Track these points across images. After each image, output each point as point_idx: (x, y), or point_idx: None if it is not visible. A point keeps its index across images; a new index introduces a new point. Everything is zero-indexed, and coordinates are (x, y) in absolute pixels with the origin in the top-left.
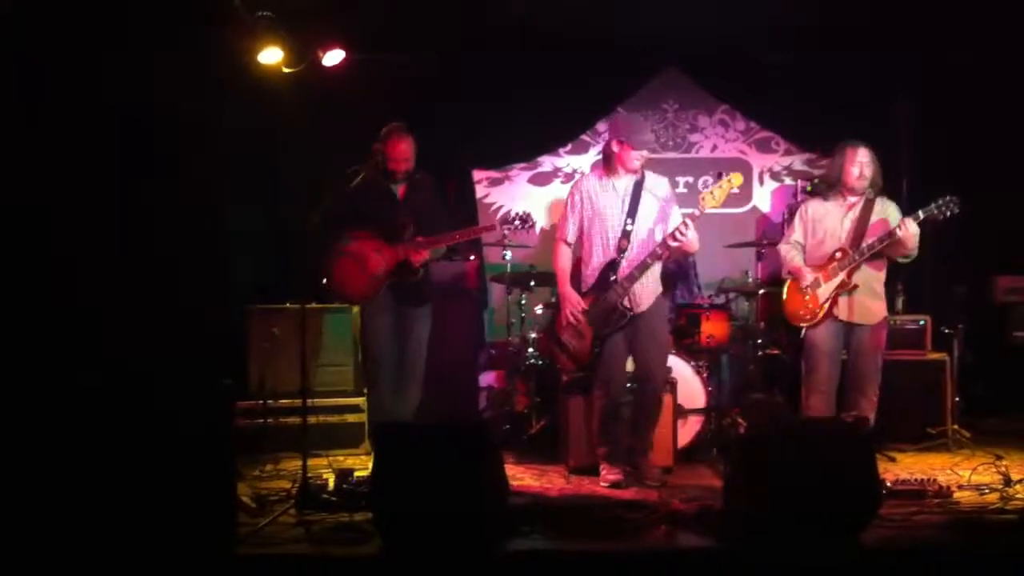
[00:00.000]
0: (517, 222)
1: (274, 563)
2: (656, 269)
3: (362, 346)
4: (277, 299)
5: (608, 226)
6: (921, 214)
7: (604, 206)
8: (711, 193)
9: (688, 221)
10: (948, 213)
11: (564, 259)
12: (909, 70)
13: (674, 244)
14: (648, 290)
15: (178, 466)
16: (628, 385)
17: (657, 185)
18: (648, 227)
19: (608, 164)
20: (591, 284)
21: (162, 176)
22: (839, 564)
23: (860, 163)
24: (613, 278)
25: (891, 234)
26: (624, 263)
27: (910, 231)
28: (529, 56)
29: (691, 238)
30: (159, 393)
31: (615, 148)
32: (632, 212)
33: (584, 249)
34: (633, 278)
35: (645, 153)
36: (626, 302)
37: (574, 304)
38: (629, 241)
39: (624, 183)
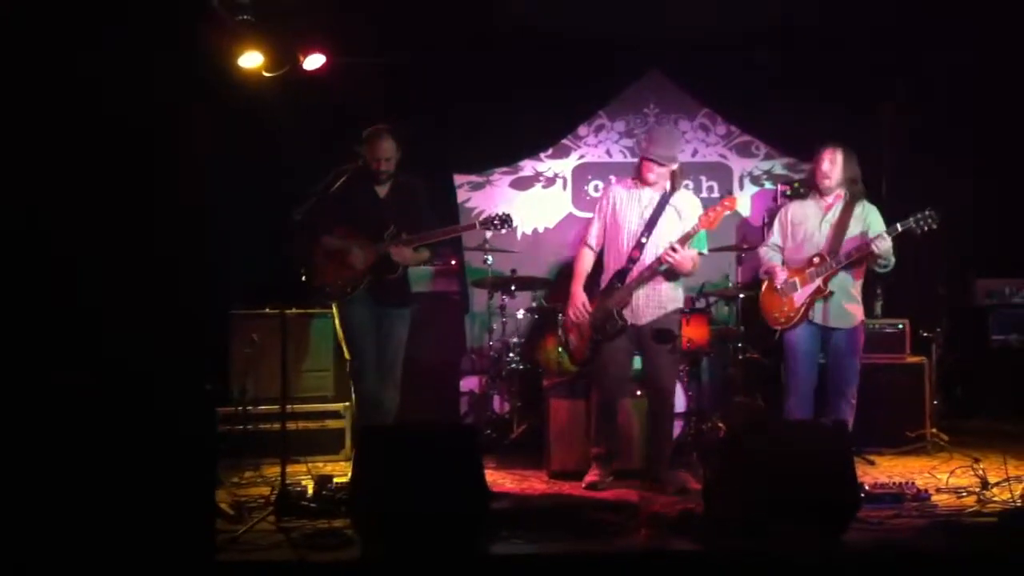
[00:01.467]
0: (497, 222)
1: (253, 570)
2: (667, 284)
3: (345, 344)
4: (261, 303)
5: (624, 235)
6: (899, 227)
7: (625, 215)
8: (707, 215)
9: (676, 244)
10: (926, 227)
11: (583, 262)
12: (891, 72)
13: (668, 262)
14: (653, 303)
15: (157, 472)
16: (639, 393)
17: (686, 204)
18: (664, 242)
19: (636, 174)
20: (602, 288)
21: (147, 177)
22: (818, 566)
23: (826, 162)
24: (618, 285)
25: (867, 246)
26: (632, 273)
27: (884, 247)
28: (510, 60)
29: (680, 259)
30: (139, 398)
31: (639, 159)
32: (651, 225)
33: (605, 254)
34: (631, 289)
35: (663, 169)
36: (625, 312)
37: (577, 304)
38: (641, 253)
39: (649, 195)
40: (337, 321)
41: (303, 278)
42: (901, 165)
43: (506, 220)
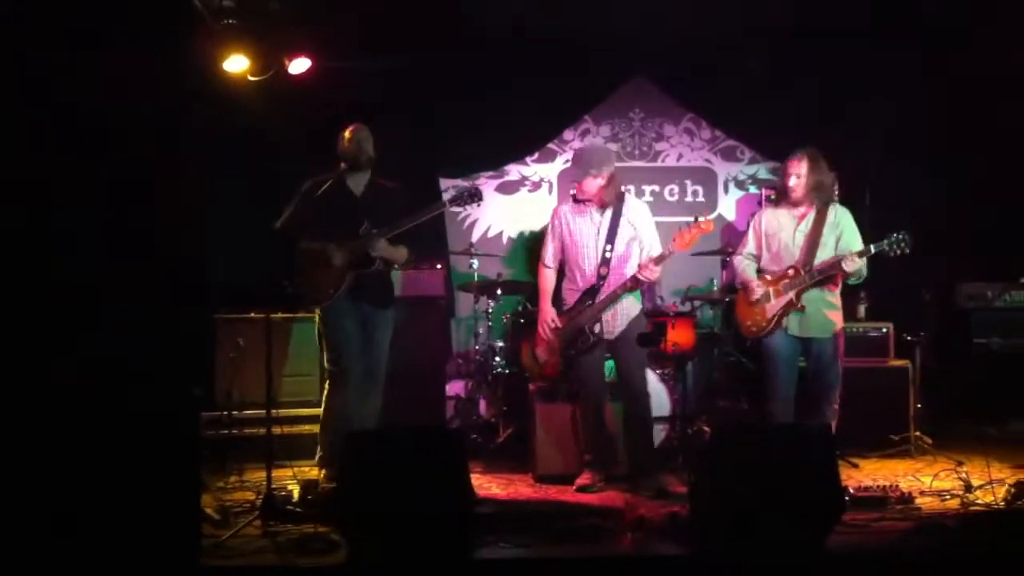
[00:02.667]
0: (466, 196)
1: (238, 575)
2: (631, 297)
3: (328, 347)
4: (246, 307)
5: (585, 254)
6: (872, 249)
7: (581, 234)
8: (682, 235)
9: (652, 265)
10: (899, 251)
11: (545, 280)
12: (876, 77)
13: (644, 280)
14: (620, 316)
15: (142, 476)
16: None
17: (635, 211)
18: (627, 254)
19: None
20: (570, 305)
21: (135, 180)
22: (803, 569)
23: (794, 171)
24: (589, 303)
25: (838, 264)
26: (603, 289)
27: (854, 268)
28: (495, 65)
29: (654, 277)
30: (125, 401)
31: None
32: (611, 239)
33: (567, 271)
34: (604, 305)
35: (584, 184)
36: (596, 327)
37: (547, 320)
38: (609, 268)
39: (600, 212)
40: (321, 325)
41: (288, 290)
42: (884, 170)
43: (475, 194)
